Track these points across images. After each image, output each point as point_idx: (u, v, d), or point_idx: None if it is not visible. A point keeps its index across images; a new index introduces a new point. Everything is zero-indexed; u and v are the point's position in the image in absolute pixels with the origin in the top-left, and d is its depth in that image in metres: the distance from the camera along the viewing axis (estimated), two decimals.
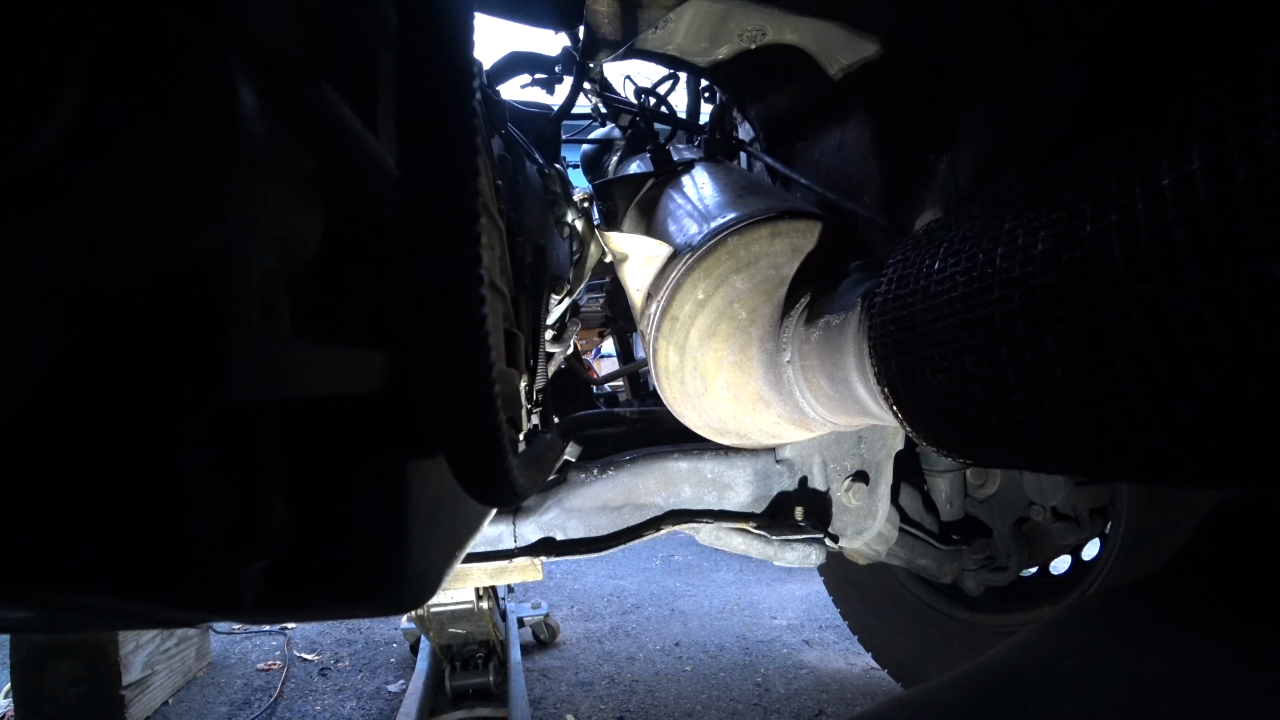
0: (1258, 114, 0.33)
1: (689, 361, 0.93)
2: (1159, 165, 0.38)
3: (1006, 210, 0.53)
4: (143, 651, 1.80)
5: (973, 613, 1.48)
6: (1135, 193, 0.39)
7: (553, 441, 0.80)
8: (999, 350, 0.49)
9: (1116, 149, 0.44)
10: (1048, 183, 0.50)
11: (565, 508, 1.11)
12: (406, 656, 2.22)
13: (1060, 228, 0.45)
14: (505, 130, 1.13)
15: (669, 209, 1.15)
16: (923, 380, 0.59)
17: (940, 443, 0.63)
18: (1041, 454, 0.52)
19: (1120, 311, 0.39)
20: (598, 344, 3.73)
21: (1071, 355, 0.43)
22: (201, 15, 0.26)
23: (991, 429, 0.54)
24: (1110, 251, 0.40)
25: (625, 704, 1.88)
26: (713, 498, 1.16)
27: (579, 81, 1.59)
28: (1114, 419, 0.43)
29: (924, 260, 0.61)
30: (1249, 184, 0.32)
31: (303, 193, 0.35)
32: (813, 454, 1.18)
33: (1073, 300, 0.43)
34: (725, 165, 1.30)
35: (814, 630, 2.35)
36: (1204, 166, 0.35)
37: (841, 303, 0.76)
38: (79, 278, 0.23)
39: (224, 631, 2.39)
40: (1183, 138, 0.37)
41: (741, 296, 0.89)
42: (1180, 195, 0.36)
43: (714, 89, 1.54)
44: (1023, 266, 0.47)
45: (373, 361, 0.43)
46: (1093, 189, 0.43)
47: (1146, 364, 0.39)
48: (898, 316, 0.62)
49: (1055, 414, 0.47)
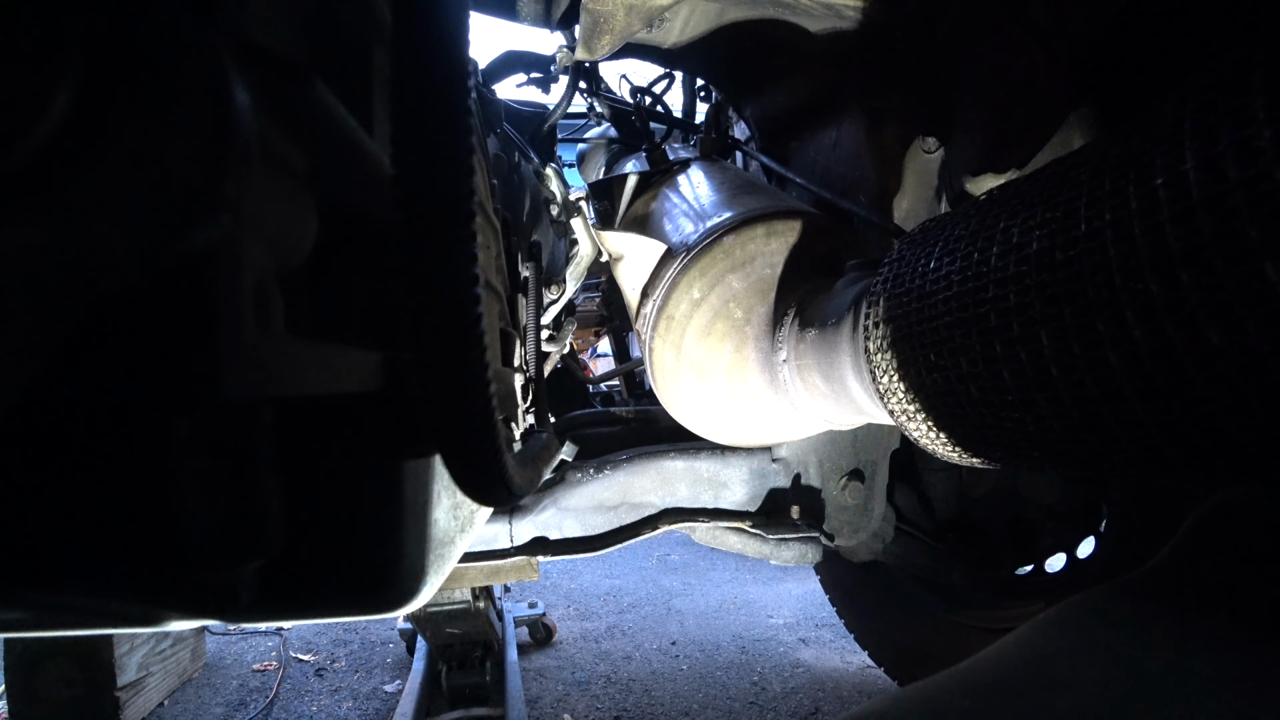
0: (1251, 113, 0.33)
1: (685, 360, 0.93)
2: (1152, 165, 0.38)
3: (1001, 209, 0.53)
4: (137, 653, 1.79)
5: (968, 610, 1.48)
6: (1129, 192, 0.40)
7: (549, 441, 0.80)
8: (994, 349, 0.49)
9: (1110, 148, 0.44)
10: (1042, 181, 0.50)
11: (561, 507, 1.11)
12: (403, 657, 2.21)
13: (1055, 226, 0.45)
14: (500, 129, 1.13)
15: (665, 208, 1.15)
16: (918, 379, 0.59)
17: (937, 442, 0.63)
18: (1036, 452, 0.52)
19: (1114, 310, 0.39)
20: (594, 343, 3.73)
21: (1066, 354, 0.44)
22: (195, 15, 0.26)
23: (987, 428, 0.54)
24: (1104, 251, 0.40)
25: (622, 703, 1.88)
26: (709, 497, 1.17)
27: (574, 80, 1.59)
28: (1108, 417, 0.43)
29: (919, 259, 0.61)
30: (1241, 183, 0.33)
31: (297, 192, 0.35)
32: (809, 453, 1.19)
33: (1067, 299, 0.43)
34: (721, 164, 1.31)
35: (810, 629, 2.35)
36: (1197, 166, 0.35)
37: (837, 302, 0.77)
38: (72, 276, 0.23)
39: (219, 632, 2.38)
40: (1176, 137, 0.37)
41: (737, 295, 0.89)
42: (1173, 195, 0.36)
43: (709, 88, 1.54)
44: (1017, 265, 0.47)
45: (368, 361, 0.43)
46: (1087, 188, 0.44)
47: (1140, 362, 0.39)
48: (893, 315, 0.62)
49: (1050, 412, 0.47)
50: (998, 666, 0.50)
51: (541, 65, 1.67)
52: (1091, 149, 0.47)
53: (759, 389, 0.90)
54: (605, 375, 1.93)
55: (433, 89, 0.30)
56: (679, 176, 1.22)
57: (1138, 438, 0.42)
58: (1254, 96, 0.33)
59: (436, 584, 0.58)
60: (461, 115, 0.31)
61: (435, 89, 0.30)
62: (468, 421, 0.35)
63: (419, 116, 0.30)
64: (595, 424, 1.41)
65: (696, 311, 0.91)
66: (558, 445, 0.82)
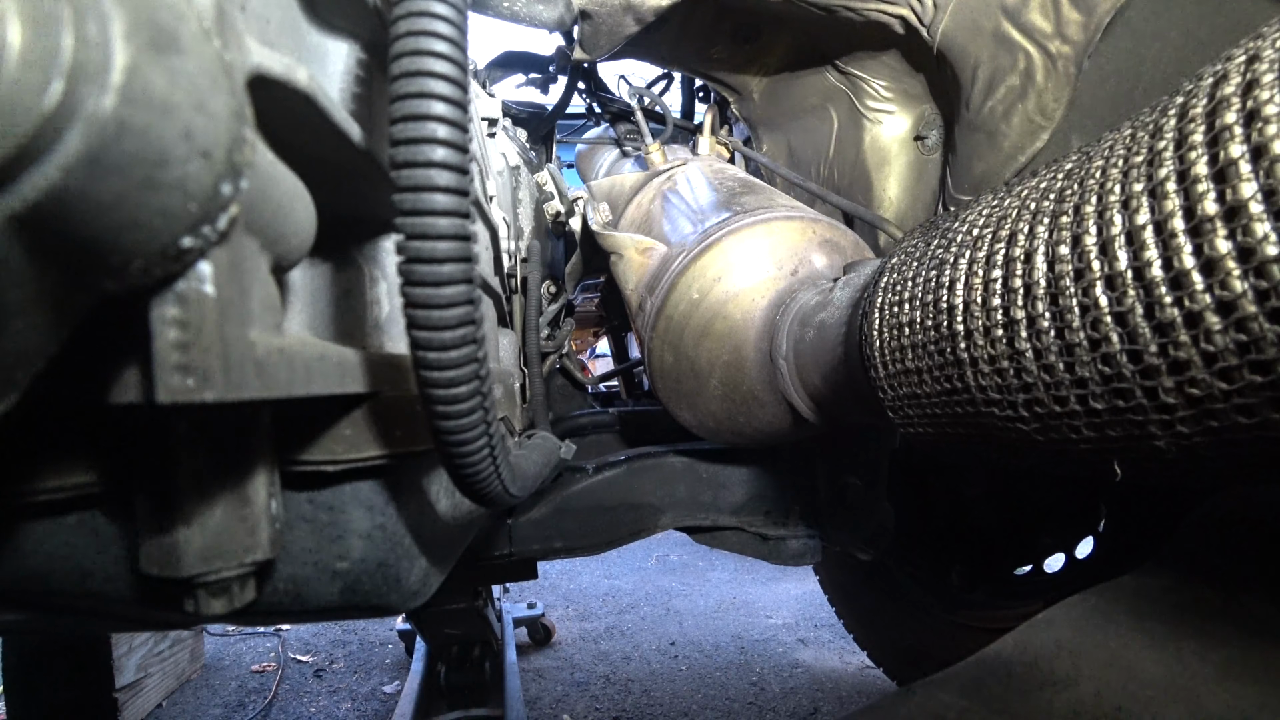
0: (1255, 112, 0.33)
1: (684, 361, 0.93)
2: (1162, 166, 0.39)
3: (1002, 209, 0.53)
4: (136, 654, 1.79)
5: (967, 610, 1.48)
6: (1121, 192, 0.40)
7: (547, 442, 0.80)
8: (995, 349, 0.49)
9: (1104, 151, 0.44)
10: (1042, 183, 0.50)
11: (560, 507, 1.11)
12: (401, 657, 2.21)
13: (1058, 232, 0.45)
14: (499, 129, 1.13)
15: (664, 208, 1.15)
16: (918, 381, 0.59)
17: (936, 443, 0.63)
18: (1036, 454, 0.52)
19: (1117, 315, 0.40)
20: (592, 344, 3.73)
21: (1068, 355, 0.44)
22: None
23: (987, 428, 0.54)
24: (1115, 258, 0.40)
25: (621, 704, 1.88)
26: (708, 497, 1.16)
27: (573, 81, 1.59)
28: (1107, 419, 0.43)
29: (919, 259, 0.61)
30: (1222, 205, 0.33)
31: (296, 192, 0.35)
32: (808, 453, 1.19)
33: (1067, 302, 0.43)
34: (719, 164, 1.31)
35: (809, 629, 2.35)
36: (1179, 175, 0.35)
37: (836, 303, 0.77)
38: (72, 276, 0.23)
39: (218, 633, 2.38)
40: (1158, 144, 0.37)
41: (736, 296, 0.89)
42: (1152, 205, 0.36)
43: (708, 89, 1.54)
44: (1022, 265, 0.47)
45: (368, 362, 0.43)
46: (1088, 190, 0.44)
47: (1141, 359, 0.39)
48: (892, 316, 0.62)
49: (1052, 414, 0.47)
50: (998, 666, 0.50)
51: (540, 65, 1.67)
52: (1089, 151, 0.47)
53: (758, 389, 0.90)
54: (604, 375, 1.93)
55: (429, 90, 0.30)
56: (678, 177, 1.22)
57: (1137, 438, 0.42)
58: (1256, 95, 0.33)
59: (436, 584, 0.58)
60: (458, 116, 0.31)
61: (432, 90, 0.30)
62: (466, 424, 0.35)
63: (415, 118, 0.30)
64: (594, 425, 1.41)
65: (695, 312, 0.91)
66: (557, 446, 0.82)
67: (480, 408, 0.36)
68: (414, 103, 0.30)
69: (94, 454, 0.40)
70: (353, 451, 0.45)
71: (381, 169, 0.44)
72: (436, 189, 0.31)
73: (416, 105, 0.30)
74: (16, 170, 0.20)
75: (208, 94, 0.23)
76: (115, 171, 0.21)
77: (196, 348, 0.26)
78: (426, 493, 0.55)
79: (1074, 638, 0.53)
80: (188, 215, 0.24)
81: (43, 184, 0.20)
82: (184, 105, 0.22)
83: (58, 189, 0.20)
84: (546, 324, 1.24)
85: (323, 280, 0.51)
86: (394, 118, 0.31)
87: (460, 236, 0.32)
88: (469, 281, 0.33)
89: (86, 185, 0.20)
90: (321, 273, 0.51)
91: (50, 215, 0.21)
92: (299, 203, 0.35)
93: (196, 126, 0.23)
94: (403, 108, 0.30)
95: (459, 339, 0.33)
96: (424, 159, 0.30)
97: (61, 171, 0.20)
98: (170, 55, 0.22)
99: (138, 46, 0.21)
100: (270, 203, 0.31)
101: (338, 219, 0.46)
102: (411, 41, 0.30)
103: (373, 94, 0.50)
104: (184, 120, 0.22)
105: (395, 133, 0.31)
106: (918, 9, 0.97)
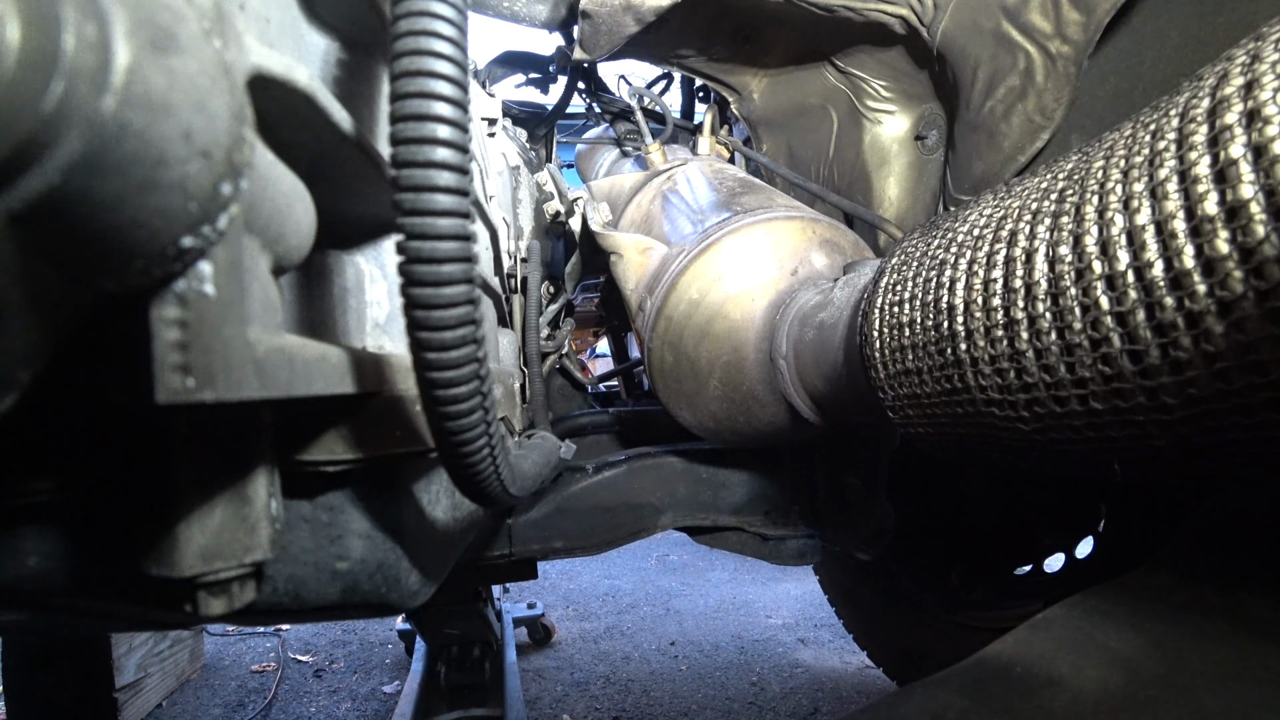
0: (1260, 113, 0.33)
1: (684, 361, 0.93)
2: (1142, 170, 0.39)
3: (1002, 209, 0.53)
4: (136, 654, 1.79)
5: (967, 610, 1.48)
6: (1122, 192, 0.40)
7: (547, 442, 0.80)
8: (996, 350, 0.49)
9: (1105, 151, 0.44)
10: (1042, 183, 0.50)
11: (560, 507, 1.11)
12: (401, 657, 2.21)
13: (1058, 232, 0.45)
14: (499, 129, 1.13)
15: (663, 208, 1.15)
16: (918, 381, 0.59)
17: (935, 443, 0.63)
18: (1036, 454, 0.52)
19: (1118, 315, 0.40)
20: (592, 344, 3.73)
21: (1068, 356, 0.44)
22: None
23: (987, 428, 0.54)
24: (1115, 259, 0.40)
25: (621, 704, 1.88)
26: (708, 497, 1.16)
27: (573, 81, 1.58)
28: (1107, 419, 0.43)
29: (919, 260, 0.61)
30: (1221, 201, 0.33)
31: (296, 192, 0.35)
32: (808, 453, 1.19)
33: (1068, 302, 0.43)
34: (719, 164, 1.31)
35: (809, 629, 2.35)
36: (1179, 175, 0.35)
37: (836, 303, 0.77)
38: (71, 277, 0.23)
39: (218, 633, 2.38)
40: (1159, 145, 0.37)
41: (735, 297, 0.89)
42: (1152, 205, 0.36)
43: (708, 89, 1.54)
44: (1022, 266, 0.47)
45: (368, 362, 0.42)
46: (1089, 190, 0.44)
47: (1142, 360, 0.39)
48: (892, 316, 0.62)
49: (1052, 414, 0.47)
50: (997, 666, 0.50)
51: (540, 66, 1.67)
52: (1087, 154, 0.47)
53: (757, 389, 0.90)
54: (604, 375, 1.93)
55: (429, 91, 0.30)
56: (678, 177, 1.22)
57: (1136, 440, 0.42)
58: None
59: (436, 584, 0.58)
60: (458, 117, 0.31)
61: (431, 91, 0.30)
62: (466, 424, 0.35)
63: (415, 119, 0.30)
64: (594, 425, 1.41)
65: (695, 312, 0.91)
66: (556, 446, 0.82)
67: (480, 408, 0.36)
68: (415, 103, 0.30)
69: (93, 454, 0.39)
70: (353, 451, 0.45)
71: (381, 169, 0.44)
72: (437, 189, 0.31)
73: (417, 105, 0.30)
74: (16, 171, 0.19)
75: (208, 94, 0.23)
76: (115, 172, 0.21)
77: (196, 348, 0.26)
78: (426, 493, 0.55)
79: (1074, 638, 0.53)
80: (187, 215, 0.24)
81: (42, 185, 0.20)
82: (184, 105, 0.22)
83: (57, 190, 0.20)
84: (546, 324, 1.24)
85: (322, 280, 0.51)
86: (394, 117, 0.31)
87: (461, 237, 0.32)
88: (469, 282, 0.33)
89: (86, 186, 0.20)
90: (321, 273, 0.51)
91: (50, 216, 0.20)
92: (299, 203, 0.35)
93: (196, 127, 0.23)
94: (403, 107, 0.30)
95: (459, 339, 0.33)
96: (425, 159, 0.30)
97: (61, 172, 0.20)
98: (170, 55, 0.22)
99: (138, 47, 0.21)
100: (270, 203, 0.31)
101: (338, 219, 0.46)
102: (412, 41, 0.30)
103: (373, 94, 0.50)
104: (184, 120, 0.22)
105: (396, 132, 0.31)
106: (917, 9, 0.97)
